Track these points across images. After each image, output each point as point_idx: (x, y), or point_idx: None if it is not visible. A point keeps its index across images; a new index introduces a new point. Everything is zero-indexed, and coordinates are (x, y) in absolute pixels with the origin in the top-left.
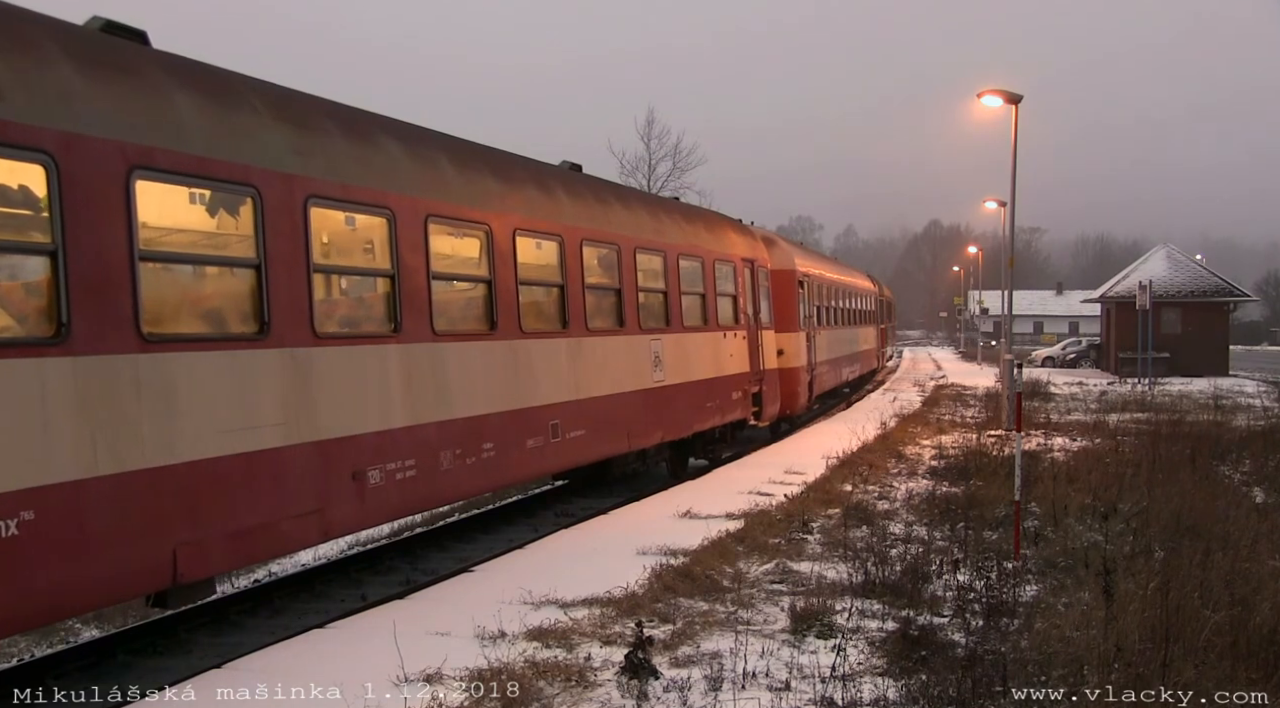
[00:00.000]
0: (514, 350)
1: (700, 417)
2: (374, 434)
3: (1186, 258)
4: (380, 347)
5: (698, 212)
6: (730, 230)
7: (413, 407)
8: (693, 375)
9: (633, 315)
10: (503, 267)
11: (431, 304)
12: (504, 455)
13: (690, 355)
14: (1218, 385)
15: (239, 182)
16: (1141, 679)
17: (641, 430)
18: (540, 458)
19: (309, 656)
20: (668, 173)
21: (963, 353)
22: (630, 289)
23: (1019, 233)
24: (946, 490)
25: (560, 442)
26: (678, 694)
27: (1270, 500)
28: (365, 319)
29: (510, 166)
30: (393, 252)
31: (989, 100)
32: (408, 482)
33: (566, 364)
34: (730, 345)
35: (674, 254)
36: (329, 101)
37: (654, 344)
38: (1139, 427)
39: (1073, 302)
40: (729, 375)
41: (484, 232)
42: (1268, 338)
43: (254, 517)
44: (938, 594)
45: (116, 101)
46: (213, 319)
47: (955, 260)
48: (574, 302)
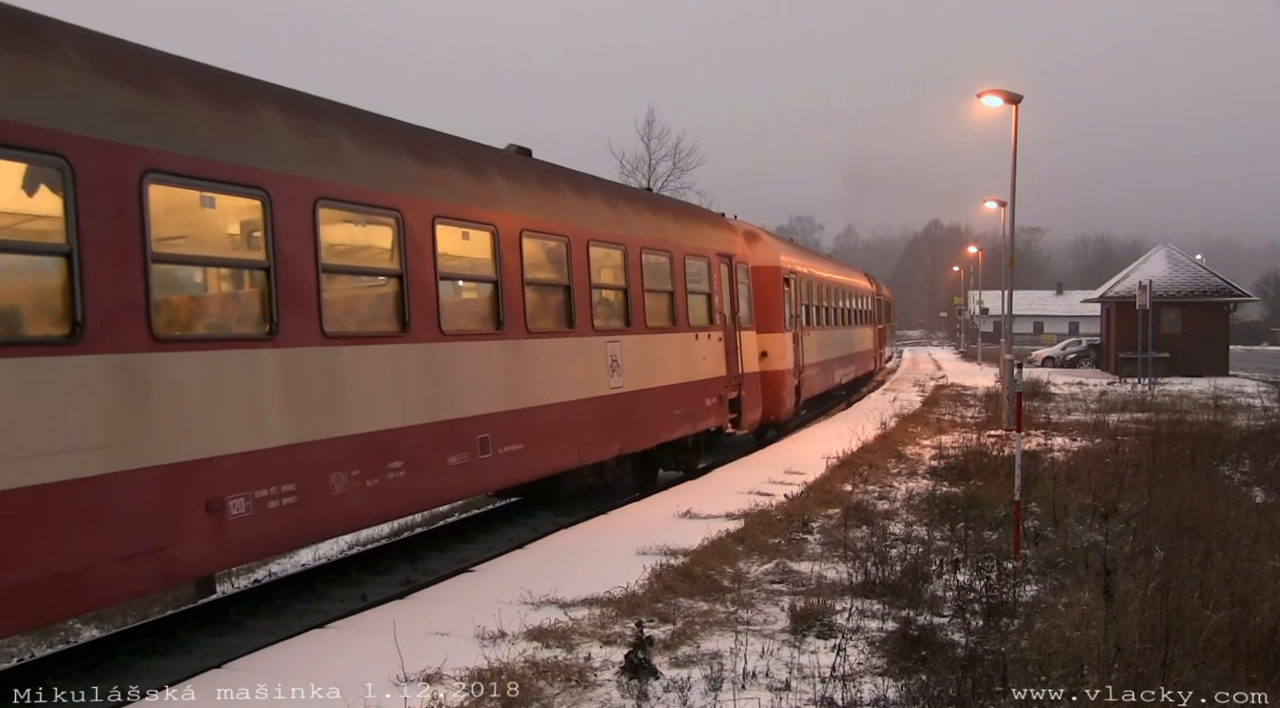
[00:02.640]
0: (433, 355)
1: (667, 426)
2: (238, 456)
3: (1186, 258)
4: (250, 352)
5: (666, 202)
6: (705, 223)
7: (294, 422)
8: (658, 381)
9: (585, 315)
10: (418, 259)
11: (321, 303)
12: (418, 475)
13: (655, 359)
14: (1218, 385)
15: (43, 151)
16: (1141, 679)
17: (594, 442)
18: (466, 477)
19: (309, 656)
20: (668, 173)
21: (963, 353)
22: (582, 286)
23: (1019, 233)
24: (946, 490)
25: (491, 458)
26: (678, 694)
27: (1270, 500)
28: (231, 319)
29: (431, 145)
30: (269, 239)
31: (989, 100)
32: (285, 511)
33: (501, 370)
34: (703, 348)
35: (636, 248)
36: (181, 59)
37: (611, 347)
38: (1139, 427)
39: (1073, 302)
40: (702, 380)
41: (394, 219)
42: (1268, 338)
43: (53, 564)
44: (938, 594)
45: None
46: (7, 319)
47: (955, 260)
48: (511, 300)
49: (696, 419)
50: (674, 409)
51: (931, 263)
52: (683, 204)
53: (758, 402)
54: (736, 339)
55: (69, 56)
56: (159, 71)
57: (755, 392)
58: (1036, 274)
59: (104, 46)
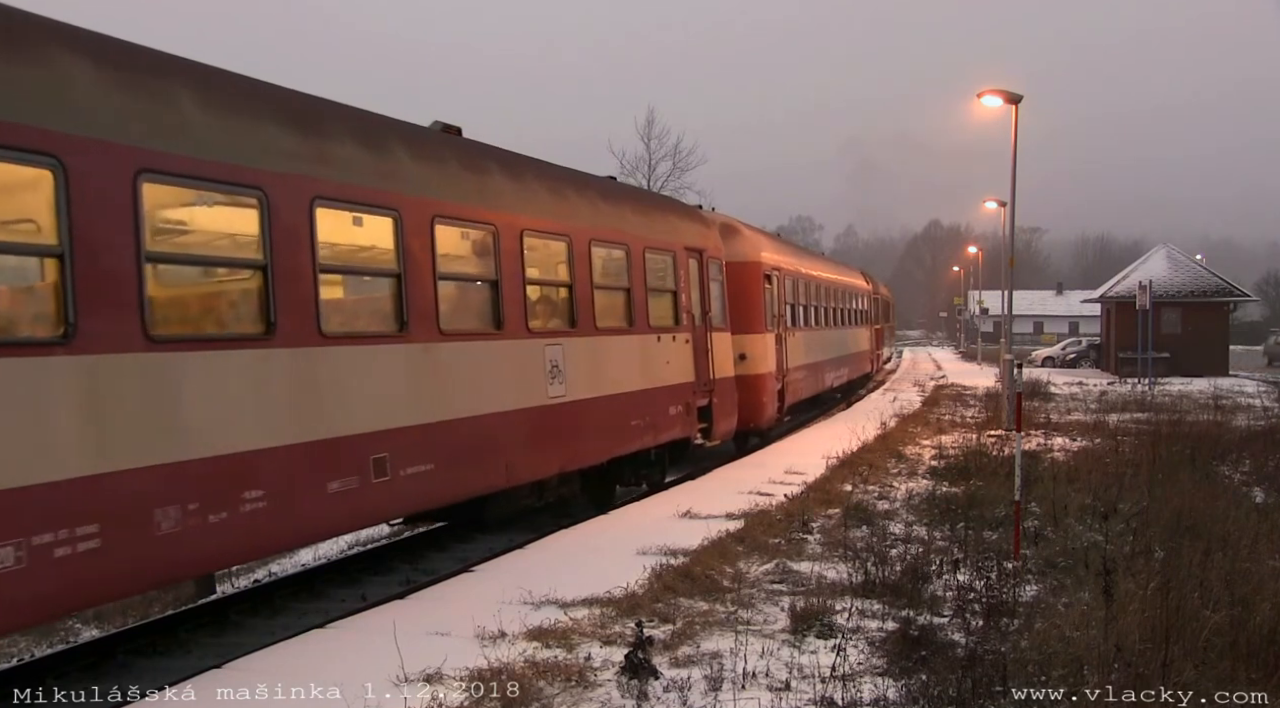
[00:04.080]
0: (309, 362)
1: (622, 438)
2: (12, 492)
3: (1186, 258)
4: (34, 360)
5: (624, 190)
6: (671, 214)
7: (102, 445)
8: (610, 388)
9: (516, 315)
10: (288, 248)
11: (143, 297)
12: (284, 506)
13: (606, 364)
14: (1218, 385)
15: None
16: (1141, 679)
17: (528, 460)
18: (353, 505)
19: (309, 656)
20: (668, 173)
21: (963, 353)
22: (514, 282)
23: (1019, 233)
24: (946, 491)
25: (390, 481)
26: (678, 694)
27: (1270, 500)
28: (7, 320)
29: (314, 115)
30: (62, 219)
31: (989, 100)
32: (81, 559)
33: (404, 379)
34: (667, 351)
35: (584, 239)
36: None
37: (551, 351)
38: (1139, 427)
39: (1073, 302)
40: (665, 387)
41: (257, 199)
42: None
43: None
44: (938, 594)
45: None
46: None
47: (955, 260)
48: (419, 297)
49: (659, 430)
50: (630, 420)
51: (931, 263)
52: (645, 193)
53: (732, 409)
54: (708, 341)
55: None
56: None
57: (730, 398)
58: (1036, 274)
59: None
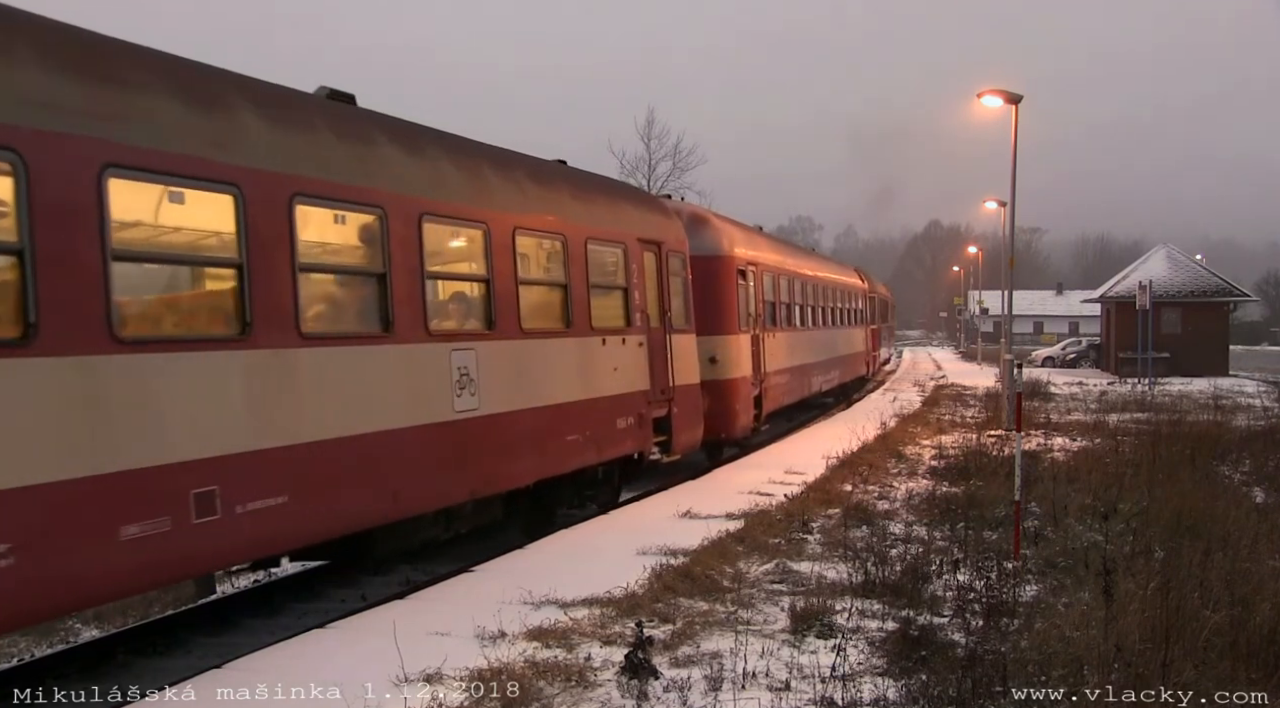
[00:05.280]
0: (92, 375)
1: (554, 456)
2: None
3: (1186, 258)
4: None
5: (563, 172)
6: (623, 201)
7: None
8: (539, 399)
9: (412, 315)
10: (65, 228)
11: None
12: (50, 561)
13: (535, 371)
14: (1218, 385)
15: None
16: (1141, 679)
17: (425, 485)
18: (158, 555)
19: (309, 656)
20: (668, 173)
21: (963, 353)
22: (408, 276)
23: (1019, 233)
24: (946, 490)
25: (218, 522)
26: (678, 694)
27: (1270, 500)
28: None
29: (119, 64)
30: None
31: (989, 100)
32: None
33: (245, 393)
34: (614, 355)
35: (505, 227)
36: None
37: (459, 356)
38: (1139, 427)
39: (1073, 302)
40: (612, 396)
41: (11, 164)
42: (1268, 338)
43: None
44: (938, 594)
45: None
46: None
47: (955, 260)
48: (267, 292)
49: (603, 446)
50: (566, 435)
51: (931, 263)
52: (591, 176)
53: (697, 419)
54: (667, 344)
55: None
56: None
57: (693, 407)
58: (1036, 274)
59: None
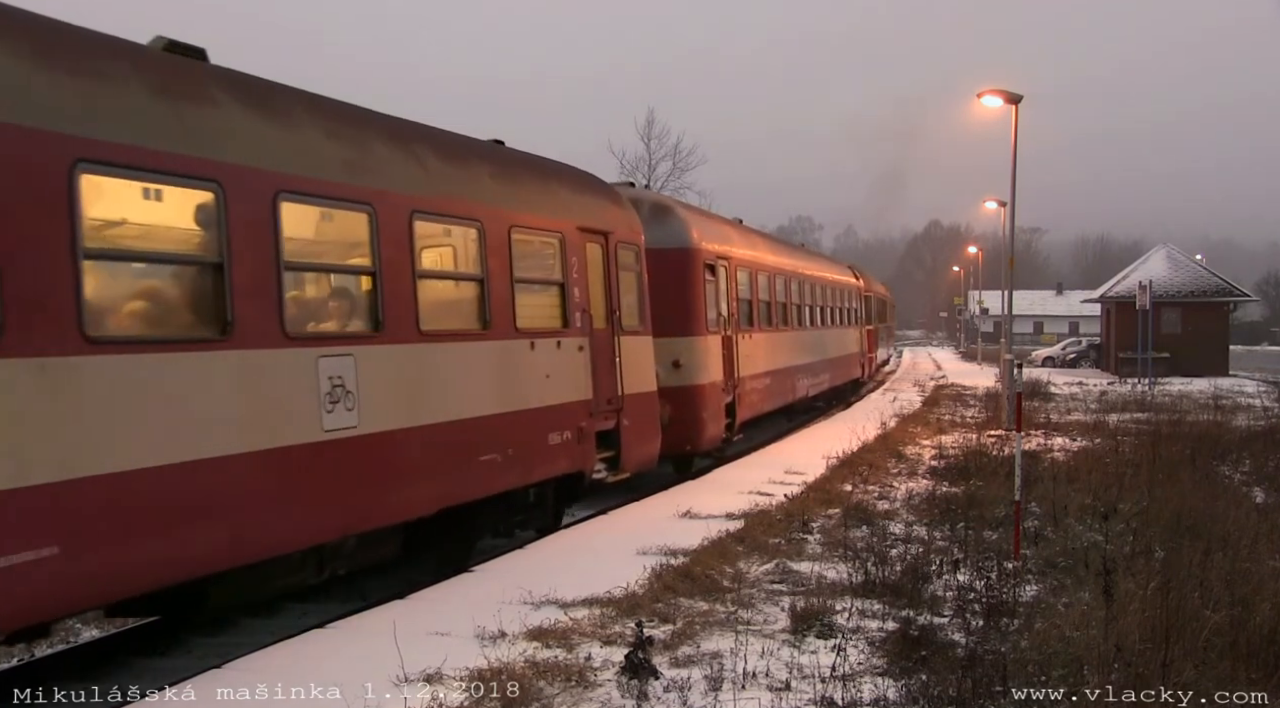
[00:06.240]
0: None
1: (464, 480)
2: None
3: (1186, 258)
4: None
5: (479, 148)
6: (559, 185)
7: None
8: (442, 413)
9: (261, 314)
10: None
11: None
12: None
13: (437, 380)
14: (1218, 385)
15: None
16: (1141, 679)
17: (278, 522)
18: None
19: (309, 656)
20: (668, 173)
21: (963, 353)
22: (254, 267)
23: (1019, 233)
24: (946, 490)
25: None
26: (678, 694)
27: (1270, 500)
28: None
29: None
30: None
31: (989, 100)
32: None
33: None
34: (547, 361)
35: (400, 211)
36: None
37: (330, 364)
38: (1139, 427)
39: (1073, 302)
40: (543, 408)
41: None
42: (1268, 338)
43: None
44: (938, 594)
45: None
46: None
47: (955, 261)
48: (31, 286)
49: (531, 465)
50: (480, 454)
51: (931, 263)
52: (516, 154)
53: (652, 431)
54: (615, 347)
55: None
56: None
57: (648, 418)
58: (1036, 274)
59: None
